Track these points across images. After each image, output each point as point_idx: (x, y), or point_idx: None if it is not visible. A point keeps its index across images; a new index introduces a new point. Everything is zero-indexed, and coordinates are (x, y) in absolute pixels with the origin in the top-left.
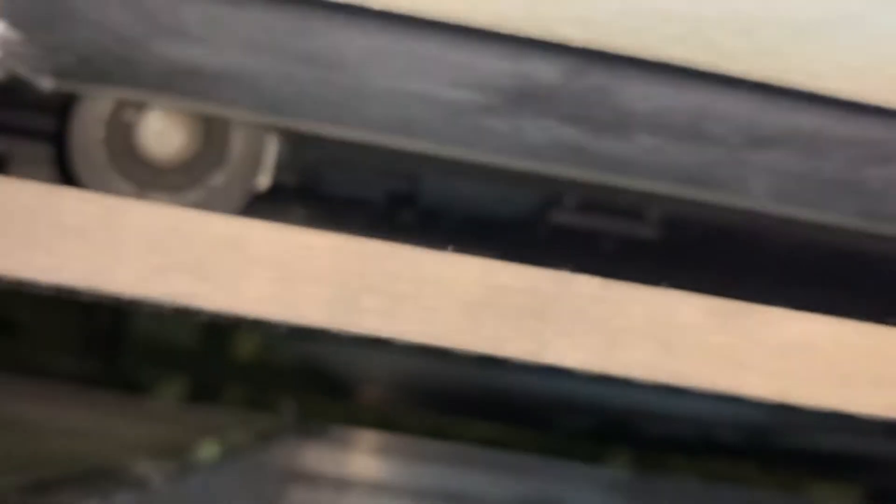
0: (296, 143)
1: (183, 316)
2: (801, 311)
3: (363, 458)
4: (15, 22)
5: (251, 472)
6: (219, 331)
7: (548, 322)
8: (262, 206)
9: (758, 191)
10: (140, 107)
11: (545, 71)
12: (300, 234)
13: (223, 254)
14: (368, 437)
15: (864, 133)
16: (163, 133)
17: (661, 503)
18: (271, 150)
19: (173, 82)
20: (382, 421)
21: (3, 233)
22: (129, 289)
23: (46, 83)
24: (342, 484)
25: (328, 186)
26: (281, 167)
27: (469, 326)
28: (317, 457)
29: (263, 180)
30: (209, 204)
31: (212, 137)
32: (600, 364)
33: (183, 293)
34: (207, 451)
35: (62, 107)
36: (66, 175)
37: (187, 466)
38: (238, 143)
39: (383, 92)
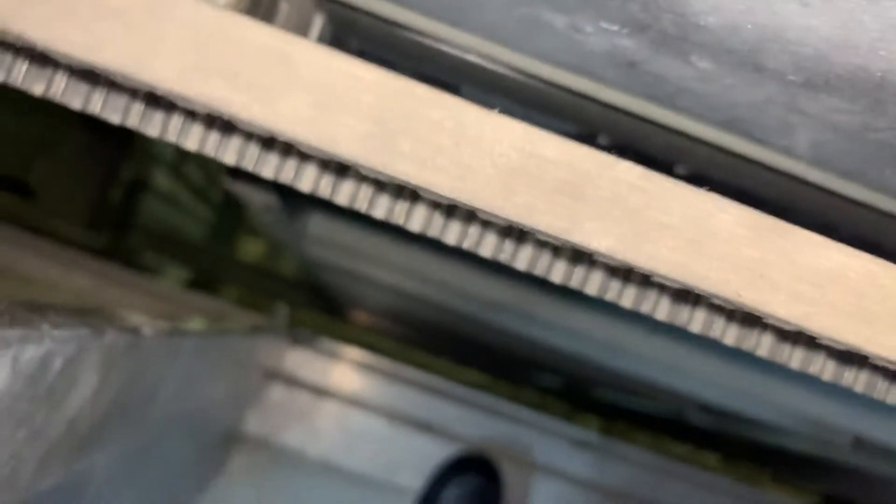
0: (341, 27)
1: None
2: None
3: (344, 372)
4: None
5: (237, 355)
6: (227, 231)
7: (582, 202)
8: None
9: (800, 146)
10: None
11: None
12: (349, 64)
13: (267, 66)
14: (352, 353)
15: None
16: None
17: (623, 467)
18: (316, 28)
19: None
20: (368, 343)
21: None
22: (164, 83)
23: None
24: (320, 391)
25: None
26: None
27: (502, 191)
28: (300, 362)
29: None
30: None
31: (259, 2)
32: (625, 253)
33: (219, 98)
34: (196, 324)
35: None
36: None
37: (179, 331)
38: (284, 12)
39: None
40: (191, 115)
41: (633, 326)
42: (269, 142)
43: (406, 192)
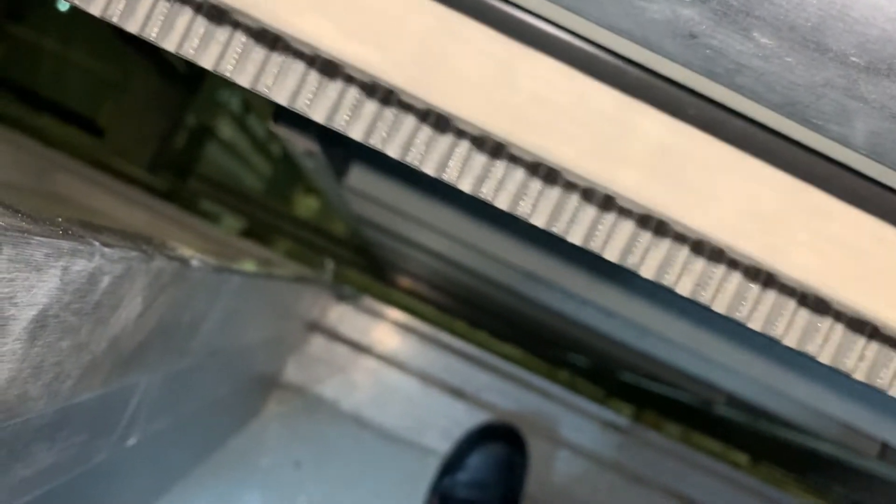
0: None
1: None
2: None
3: (384, 331)
4: None
5: (281, 301)
6: (283, 186)
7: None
8: None
9: (856, 137)
10: None
11: None
12: None
13: None
14: (393, 314)
15: None
16: None
17: (650, 452)
18: None
19: None
20: (410, 308)
21: None
22: None
23: None
24: (359, 348)
25: None
26: None
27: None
28: (343, 317)
29: None
30: None
31: None
32: (652, 200)
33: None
34: (244, 265)
35: None
36: None
37: (226, 268)
38: None
39: None
40: (213, 22)
41: (669, 310)
42: (295, 57)
43: (462, 137)
